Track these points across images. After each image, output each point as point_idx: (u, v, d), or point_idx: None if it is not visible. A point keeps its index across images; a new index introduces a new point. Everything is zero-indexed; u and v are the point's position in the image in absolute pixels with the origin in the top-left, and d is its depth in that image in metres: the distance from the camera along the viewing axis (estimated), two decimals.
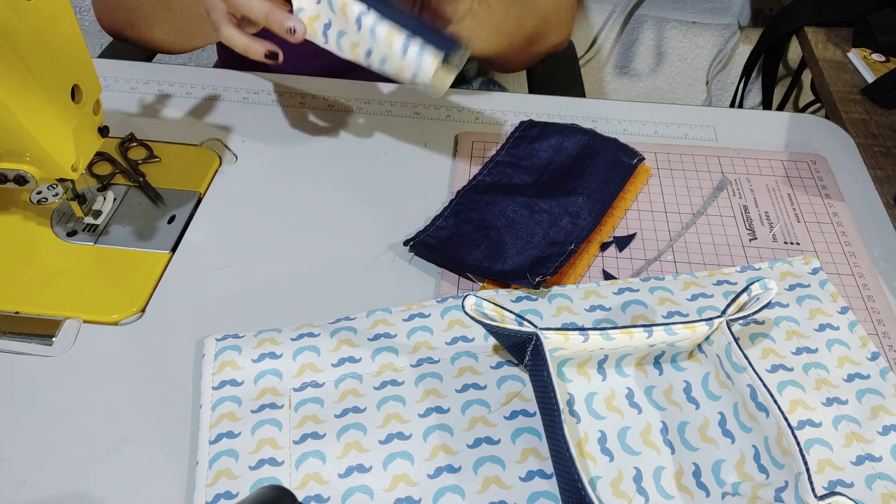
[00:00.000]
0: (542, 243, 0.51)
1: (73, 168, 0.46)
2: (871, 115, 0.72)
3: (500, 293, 0.49)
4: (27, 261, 0.51)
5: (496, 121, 0.66)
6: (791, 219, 0.56)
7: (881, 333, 0.48)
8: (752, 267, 0.52)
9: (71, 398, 0.44)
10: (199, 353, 0.46)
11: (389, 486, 0.39)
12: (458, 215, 0.54)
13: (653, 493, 0.39)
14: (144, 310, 0.49)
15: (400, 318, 0.47)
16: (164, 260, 0.52)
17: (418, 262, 0.52)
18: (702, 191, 0.59)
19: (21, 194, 0.56)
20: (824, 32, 0.87)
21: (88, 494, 0.40)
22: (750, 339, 0.46)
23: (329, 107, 0.67)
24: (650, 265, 0.53)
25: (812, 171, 0.61)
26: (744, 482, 0.39)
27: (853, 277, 0.52)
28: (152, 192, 0.57)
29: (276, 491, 0.31)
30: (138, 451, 0.42)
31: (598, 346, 0.41)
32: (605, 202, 0.55)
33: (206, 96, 0.67)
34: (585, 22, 1.36)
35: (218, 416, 0.42)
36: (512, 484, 0.39)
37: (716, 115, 0.67)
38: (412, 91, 0.69)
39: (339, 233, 0.55)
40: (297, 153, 0.62)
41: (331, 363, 0.45)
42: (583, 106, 0.68)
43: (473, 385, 0.44)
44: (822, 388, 0.44)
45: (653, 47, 1.39)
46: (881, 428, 0.42)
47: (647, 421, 0.42)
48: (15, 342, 0.46)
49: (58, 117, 0.44)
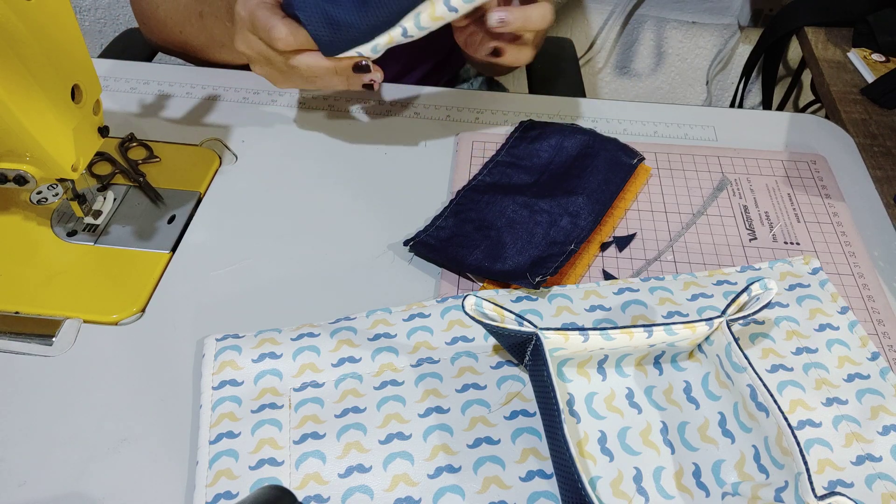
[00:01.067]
0: (542, 243, 0.51)
1: (73, 168, 0.46)
2: (871, 115, 0.72)
3: (500, 293, 0.49)
4: (27, 261, 0.51)
5: (496, 121, 0.66)
6: (791, 219, 0.56)
7: (881, 333, 0.48)
8: (752, 267, 0.52)
9: (71, 398, 0.44)
10: (199, 353, 0.46)
11: (389, 486, 0.39)
12: (458, 215, 0.54)
13: (653, 493, 0.39)
14: (144, 310, 0.49)
15: (400, 318, 0.47)
16: (164, 260, 0.52)
17: (418, 262, 0.52)
18: (702, 191, 0.59)
19: (21, 194, 0.56)
20: (824, 32, 0.87)
21: (88, 494, 0.40)
22: (750, 339, 0.46)
23: (329, 107, 0.67)
24: (650, 265, 0.53)
25: (812, 171, 0.61)
26: (744, 482, 0.39)
27: (853, 277, 0.52)
28: (152, 192, 0.57)
29: (276, 491, 0.31)
30: (138, 451, 0.42)
31: (598, 346, 0.41)
32: (605, 202, 0.55)
33: (206, 96, 0.67)
34: (585, 22, 1.36)
35: (218, 416, 0.42)
36: (512, 484, 0.39)
37: (716, 115, 0.67)
38: (412, 91, 0.69)
39: (339, 233, 0.55)
40: (297, 153, 0.62)
41: (331, 363, 0.45)
42: (583, 106, 0.68)
43: (473, 385, 0.44)
44: (822, 388, 0.44)
45: (653, 47, 1.39)
46: (881, 428, 0.42)
47: (647, 421, 0.42)
48: (15, 342, 0.46)
49: (58, 117, 0.44)
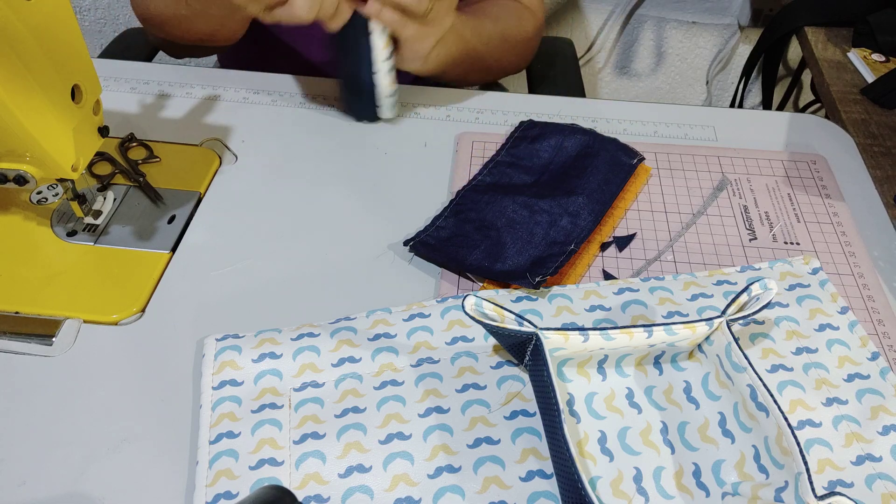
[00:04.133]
0: (542, 243, 0.51)
1: (73, 168, 0.46)
2: (871, 115, 0.72)
3: (500, 293, 0.49)
4: (27, 261, 0.51)
5: (496, 121, 0.66)
6: (791, 219, 0.56)
7: (881, 333, 0.48)
8: (752, 267, 0.52)
9: (71, 398, 0.44)
10: (199, 353, 0.46)
11: (389, 486, 0.39)
12: (458, 215, 0.54)
13: (653, 493, 0.39)
14: (144, 310, 0.49)
15: (400, 318, 0.47)
16: (164, 260, 0.52)
17: (418, 262, 0.52)
18: (702, 191, 0.59)
19: (21, 194, 0.55)
20: (824, 32, 0.88)
21: (88, 494, 0.40)
22: (750, 339, 0.46)
23: (329, 107, 0.67)
24: (650, 265, 0.53)
25: (812, 171, 0.61)
26: (744, 482, 0.39)
27: (853, 277, 0.52)
28: (152, 192, 0.57)
29: (276, 491, 0.31)
30: (138, 451, 0.42)
31: (598, 346, 0.41)
32: (605, 202, 0.55)
33: (206, 96, 0.67)
34: (585, 22, 1.36)
35: (218, 416, 0.42)
36: (512, 484, 0.39)
37: (716, 115, 0.67)
38: (412, 91, 0.69)
39: (339, 233, 0.55)
40: (297, 153, 0.62)
41: (331, 363, 0.45)
42: (583, 106, 0.68)
43: (473, 385, 0.44)
44: (822, 388, 0.44)
45: (653, 47, 1.39)
46: (881, 428, 0.42)
47: (647, 421, 0.42)
48: (15, 342, 0.46)
49: (58, 117, 0.44)
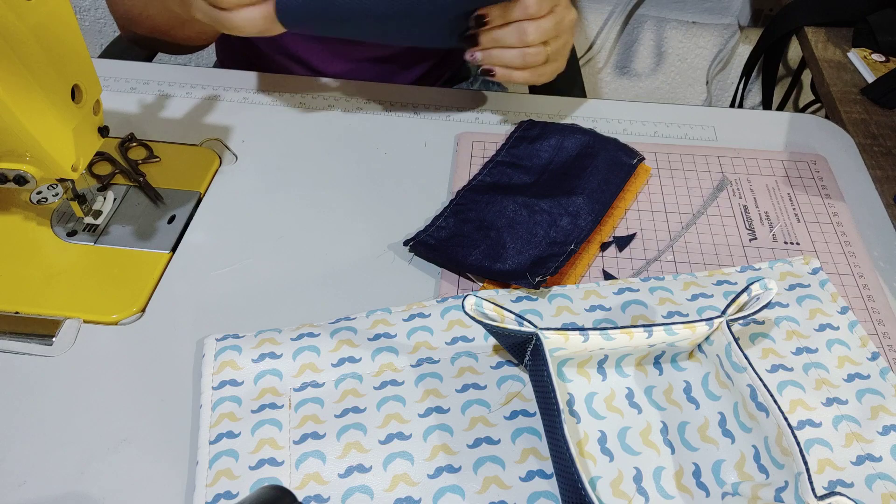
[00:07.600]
0: (542, 243, 0.51)
1: (73, 168, 0.46)
2: (871, 115, 0.72)
3: (500, 293, 0.49)
4: (27, 261, 0.51)
5: (496, 121, 0.66)
6: (791, 219, 0.56)
7: (881, 333, 0.48)
8: (752, 267, 0.52)
9: (71, 398, 0.44)
10: (199, 353, 0.46)
11: (389, 486, 0.39)
12: (458, 215, 0.54)
13: (653, 493, 0.39)
14: (144, 310, 0.49)
15: (400, 318, 0.47)
16: (164, 260, 0.52)
17: (418, 262, 0.52)
18: (702, 191, 0.59)
19: (21, 194, 0.55)
20: (824, 32, 0.87)
21: (88, 494, 0.40)
22: (750, 339, 0.46)
23: (329, 107, 0.67)
24: (650, 265, 0.53)
25: (812, 171, 0.61)
26: (744, 482, 0.39)
27: (853, 277, 0.52)
28: (152, 192, 0.57)
29: (276, 491, 0.31)
30: (138, 451, 0.42)
31: (598, 346, 0.41)
32: (605, 202, 0.55)
33: (206, 96, 0.67)
34: (585, 22, 1.36)
35: (218, 416, 0.42)
36: (512, 484, 0.39)
37: (716, 115, 0.67)
38: (412, 91, 0.69)
39: (339, 233, 0.55)
40: (297, 153, 0.62)
41: (331, 363, 0.45)
42: (583, 106, 0.68)
43: (473, 385, 0.44)
44: (822, 388, 0.44)
45: (653, 47, 1.39)
46: (881, 428, 0.42)
47: (647, 421, 0.42)
48: (15, 342, 0.46)
49: (58, 117, 0.44)
